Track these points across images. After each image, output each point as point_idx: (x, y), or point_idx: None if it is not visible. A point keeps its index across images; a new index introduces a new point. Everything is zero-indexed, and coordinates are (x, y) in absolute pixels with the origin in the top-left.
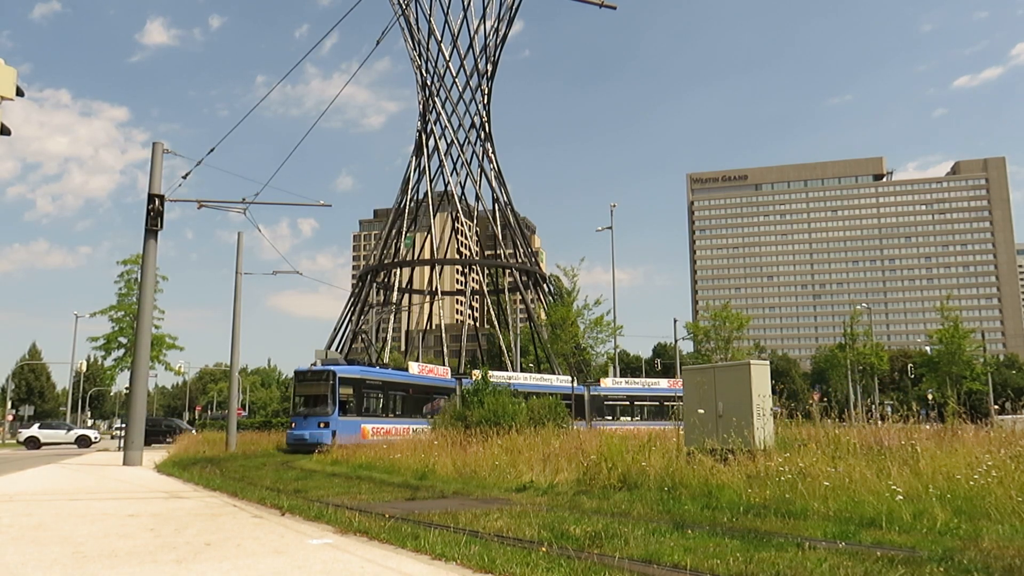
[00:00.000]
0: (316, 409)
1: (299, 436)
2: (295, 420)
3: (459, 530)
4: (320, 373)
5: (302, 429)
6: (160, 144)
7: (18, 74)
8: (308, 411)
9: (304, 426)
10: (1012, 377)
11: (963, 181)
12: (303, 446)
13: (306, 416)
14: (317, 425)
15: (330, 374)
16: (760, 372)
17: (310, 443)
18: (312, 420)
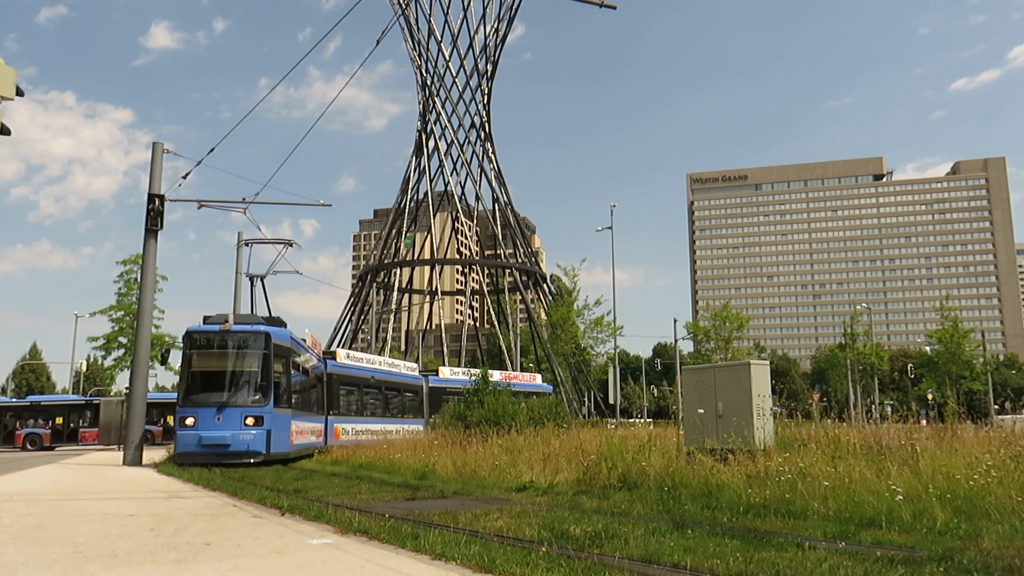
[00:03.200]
0: (240, 395)
1: (215, 440)
2: (196, 413)
3: (459, 530)
4: (245, 336)
5: (219, 428)
6: (160, 144)
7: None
8: (225, 398)
9: (222, 423)
10: (1012, 377)
11: (963, 181)
12: (218, 455)
13: (222, 407)
14: (243, 422)
15: (262, 338)
16: (760, 372)
17: (233, 452)
18: (235, 413)
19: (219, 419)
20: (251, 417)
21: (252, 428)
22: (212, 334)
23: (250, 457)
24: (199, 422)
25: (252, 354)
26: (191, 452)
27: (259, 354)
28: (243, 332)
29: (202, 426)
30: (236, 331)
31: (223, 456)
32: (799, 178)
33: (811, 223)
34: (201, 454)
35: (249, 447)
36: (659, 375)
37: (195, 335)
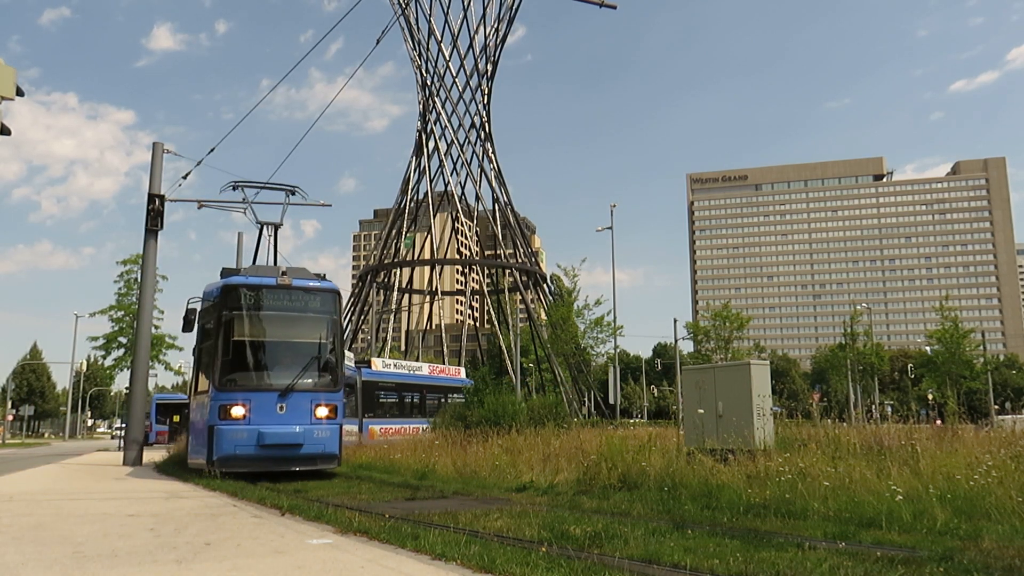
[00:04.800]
0: (308, 375)
1: (283, 438)
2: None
3: (459, 530)
4: (312, 295)
5: (284, 421)
6: (160, 144)
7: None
8: (291, 380)
9: (287, 414)
10: (1012, 377)
11: (963, 181)
12: (287, 460)
13: (287, 391)
14: (314, 413)
15: (331, 299)
16: (760, 372)
17: (306, 455)
18: (303, 401)
19: (282, 408)
20: (324, 406)
21: (325, 422)
22: (267, 289)
23: (327, 462)
24: (254, 412)
25: (320, 319)
26: (245, 456)
27: (328, 320)
28: (310, 289)
29: (259, 418)
30: (301, 287)
31: (293, 460)
32: (799, 178)
33: (811, 223)
34: (260, 458)
35: (325, 448)
36: (659, 375)
37: (241, 290)
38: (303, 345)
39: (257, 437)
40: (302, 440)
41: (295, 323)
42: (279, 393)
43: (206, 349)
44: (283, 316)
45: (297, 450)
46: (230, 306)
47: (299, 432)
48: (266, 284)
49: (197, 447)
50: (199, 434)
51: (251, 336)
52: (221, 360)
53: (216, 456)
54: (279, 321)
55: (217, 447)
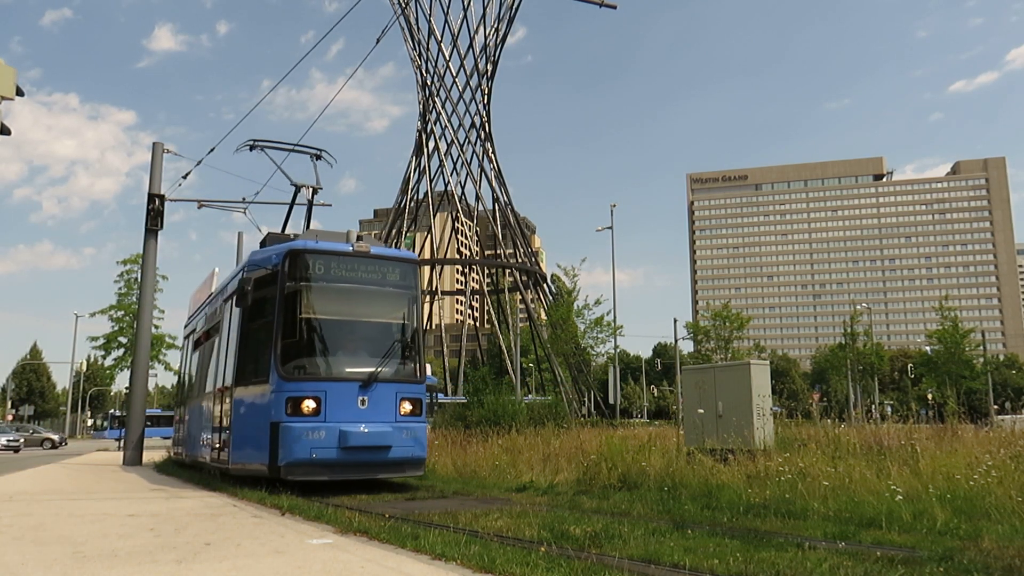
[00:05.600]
0: (390, 363)
1: (370, 440)
2: (325, 391)
3: (459, 530)
4: (392, 267)
5: (368, 418)
6: (160, 144)
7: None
8: (375, 368)
9: (370, 409)
10: (1012, 377)
11: (963, 181)
12: (373, 466)
13: (369, 381)
14: (398, 409)
15: (412, 272)
16: (760, 372)
17: (394, 460)
18: (387, 394)
19: (363, 403)
20: (409, 400)
21: (411, 419)
22: (341, 257)
23: (415, 468)
24: (330, 406)
25: (401, 296)
26: (323, 461)
27: (409, 297)
28: (390, 258)
29: (337, 413)
30: (380, 256)
31: (380, 467)
32: (799, 178)
33: (811, 223)
34: (341, 464)
35: (413, 452)
36: (659, 375)
37: (310, 257)
38: (383, 326)
39: (339, 438)
40: (391, 441)
41: (374, 299)
42: (360, 384)
43: (259, 328)
44: (360, 290)
45: (385, 454)
46: (296, 276)
47: (389, 432)
48: (340, 251)
49: (246, 450)
50: (250, 434)
51: (323, 314)
52: (285, 342)
53: (284, 461)
54: (355, 296)
55: (286, 450)
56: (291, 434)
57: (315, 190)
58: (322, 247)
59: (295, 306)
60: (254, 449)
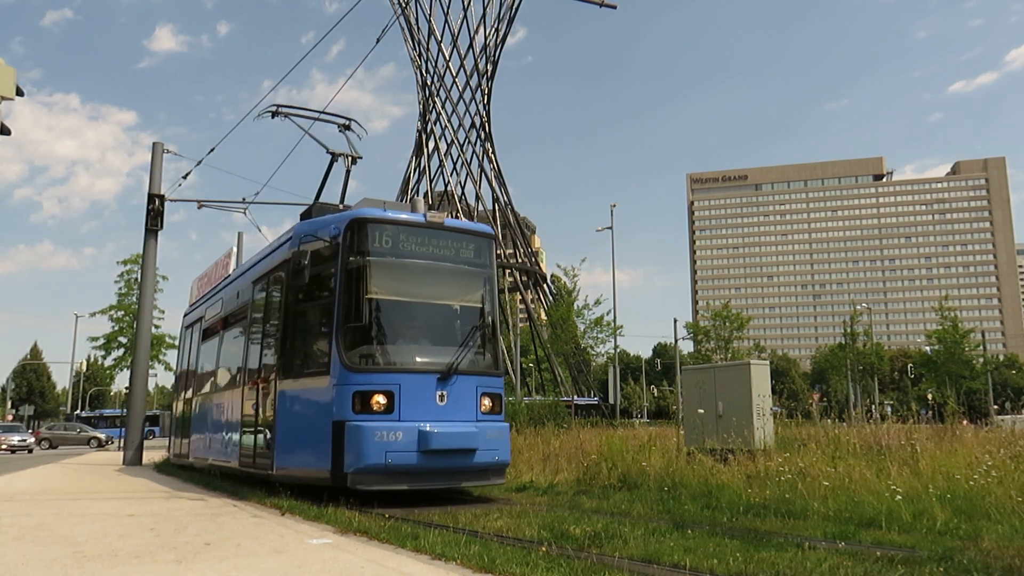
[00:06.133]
0: (469, 353)
1: (453, 441)
2: (398, 384)
3: (459, 530)
4: (468, 241)
5: (448, 417)
6: (160, 144)
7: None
8: (453, 358)
9: (449, 406)
10: (1012, 377)
11: (963, 181)
12: (456, 473)
13: (448, 373)
14: (479, 406)
15: (487, 248)
16: (760, 372)
17: (477, 466)
18: (467, 388)
19: (443, 398)
20: (489, 396)
21: (492, 418)
22: (412, 229)
23: (499, 475)
24: (405, 403)
25: (477, 275)
26: (401, 467)
27: (487, 277)
28: (467, 232)
29: (413, 411)
30: (456, 228)
31: (463, 474)
32: (799, 178)
33: (811, 223)
34: (422, 471)
35: (498, 457)
36: (659, 375)
37: (378, 228)
38: (460, 309)
39: (419, 439)
40: (476, 443)
41: (448, 278)
42: (439, 376)
43: (313, 311)
44: (434, 267)
45: (469, 458)
46: (362, 249)
47: (474, 432)
48: (412, 221)
49: (297, 453)
50: (302, 435)
51: (394, 294)
52: (349, 327)
53: (353, 467)
54: (429, 274)
55: (354, 454)
56: (361, 435)
57: (353, 159)
58: (392, 216)
59: (360, 284)
60: (309, 453)
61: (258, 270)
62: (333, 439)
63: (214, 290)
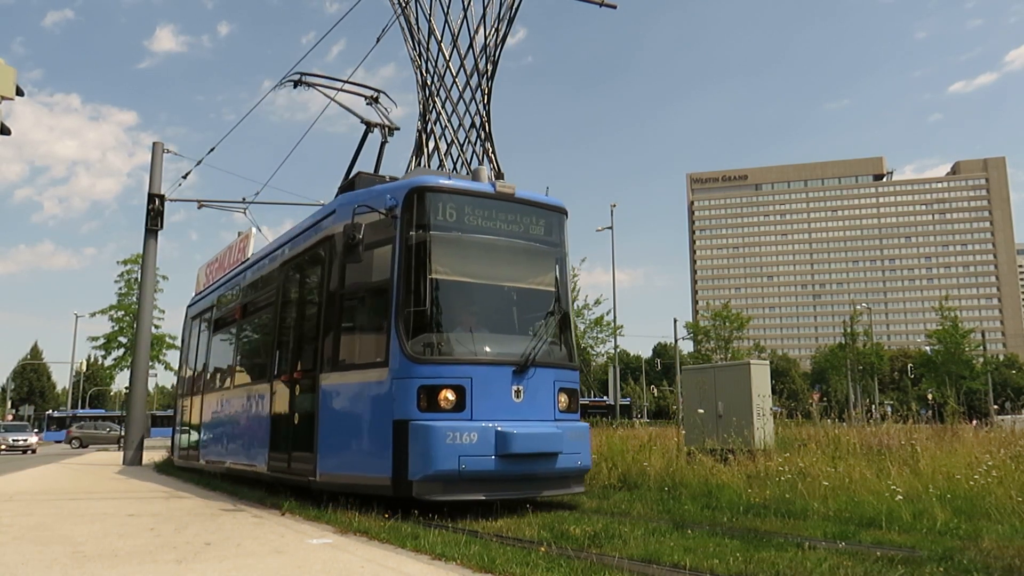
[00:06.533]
0: (543, 343)
1: (536, 445)
2: (470, 377)
3: (459, 530)
4: (539, 216)
5: (525, 415)
6: (160, 144)
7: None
8: (529, 348)
9: (526, 404)
10: (1012, 377)
11: (963, 181)
12: (536, 482)
13: (524, 366)
14: (557, 403)
15: (559, 224)
16: (760, 372)
17: (559, 472)
18: (544, 382)
19: (519, 394)
20: (566, 392)
21: (569, 417)
22: (480, 200)
23: (579, 483)
24: (477, 399)
25: (549, 254)
26: (476, 473)
27: (559, 257)
28: (539, 205)
29: (486, 409)
30: (527, 201)
31: (544, 482)
32: (799, 178)
33: (811, 223)
34: (500, 478)
35: (580, 462)
36: (659, 375)
37: (439, 197)
38: (532, 293)
39: (496, 442)
40: (559, 446)
41: (519, 257)
42: (514, 368)
43: (364, 294)
44: (503, 245)
45: (551, 463)
46: (423, 222)
47: (557, 434)
48: (480, 191)
49: (347, 457)
50: (353, 436)
51: (460, 274)
52: (411, 311)
53: (420, 474)
54: (498, 253)
55: (421, 458)
56: (430, 437)
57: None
58: (457, 185)
59: (423, 263)
60: (361, 457)
61: (289, 250)
62: (394, 441)
63: (229, 276)
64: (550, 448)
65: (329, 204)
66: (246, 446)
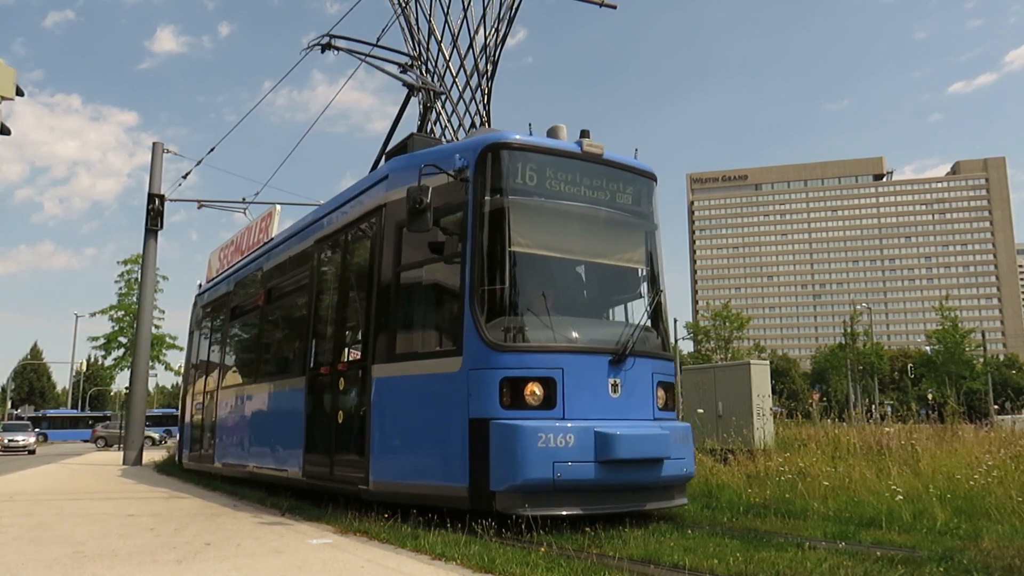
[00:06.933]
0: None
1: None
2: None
3: (458, 530)
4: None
5: (623, 411)
6: (160, 144)
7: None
8: (625, 334)
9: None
10: (1012, 377)
11: (963, 181)
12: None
13: (623, 355)
14: (656, 399)
15: (649, 191)
16: (760, 372)
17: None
18: (642, 373)
19: (615, 388)
20: (664, 387)
21: (668, 415)
22: (565, 162)
23: (682, 492)
24: (570, 394)
25: (640, 228)
26: (574, 483)
27: (649, 230)
28: (630, 169)
29: (580, 405)
30: (617, 163)
31: (648, 492)
32: (799, 178)
33: (811, 223)
34: (600, 487)
35: (685, 468)
36: None
37: (518, 156)
38: (624, 272)
39: (596, 445)
40: (666, 450)
41: (609, 229)
42: (611, 358)
43: (430, 270)
44: (591, 214)
45: (657, 471)
46: (501, 185)
47: (665, 436)
48: (565, 150)
49: (409, 462)
50: (417, 437)
51: (545, 248)
52: (486, 289)
53: (507, 483)
54: (586, 223)
55: (507, 465)
56: (518, 438)
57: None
58: (538, 143)
59: (501, 233)
60: (428, 462)
61: (329, 224)
62: (471, 444)
63: (251, 258)
64: (657, 453)
65: (379, 169)
66: (274, 448)
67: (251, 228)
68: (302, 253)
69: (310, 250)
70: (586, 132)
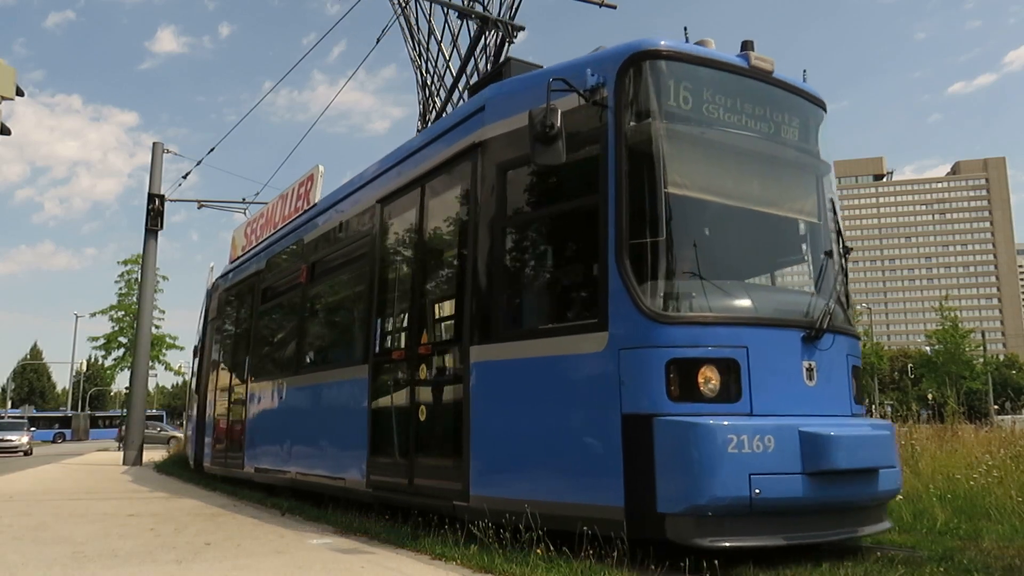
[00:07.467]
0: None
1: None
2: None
3: (457, 531)
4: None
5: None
6: (160, 144)
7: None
8: (815, 305)
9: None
10: (1012, 377)
11: (963, 181)
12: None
13: (818, 332)
14: (852, 389)
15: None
16: None
17: (883, 496)
18: (837, 355)
19: (810, 373)
20: (855, 374)
21: (861, 408)
22: (731, 79)
23: (886, 509)
24: (755, 380)
25: (813, 169)
26: (778, 503)
27: (822, 174)
28: (801, 95)
29: (769, 396)
30: (788, 87)
31: (861, 513)
32: None
33: None
34: (813, 509)
35: (897, 481)
36: None
37: (674, 69)
38: (803, 226)
39: (803, 450)
40: (887, 457)
41: (783, 171)
42: (804, 335)
43: (553, 220)
44: (765, 151)
45: (873, 485)
46: (648, 108)
47: (886, 438)
48: (729, 63)
49: (535, 473)
50: (542, 439)
51: (711, 191)
52: (640, 243)
53: (683, 503)
54: (757, 162)
55: (683, 478)
56: (701, 441)
57: (514, 28)
58: (697, 52)
59: (654, 171)
60: (560, 472)
61: (398, 177)
62: (625, 450)
63: (288, 228)
64: (876, 461)
65: (472, 100)
66: (326, 452)
67: (286, 196)
68: (360, 215)
69: (372, 210)
70: (749, 43)
